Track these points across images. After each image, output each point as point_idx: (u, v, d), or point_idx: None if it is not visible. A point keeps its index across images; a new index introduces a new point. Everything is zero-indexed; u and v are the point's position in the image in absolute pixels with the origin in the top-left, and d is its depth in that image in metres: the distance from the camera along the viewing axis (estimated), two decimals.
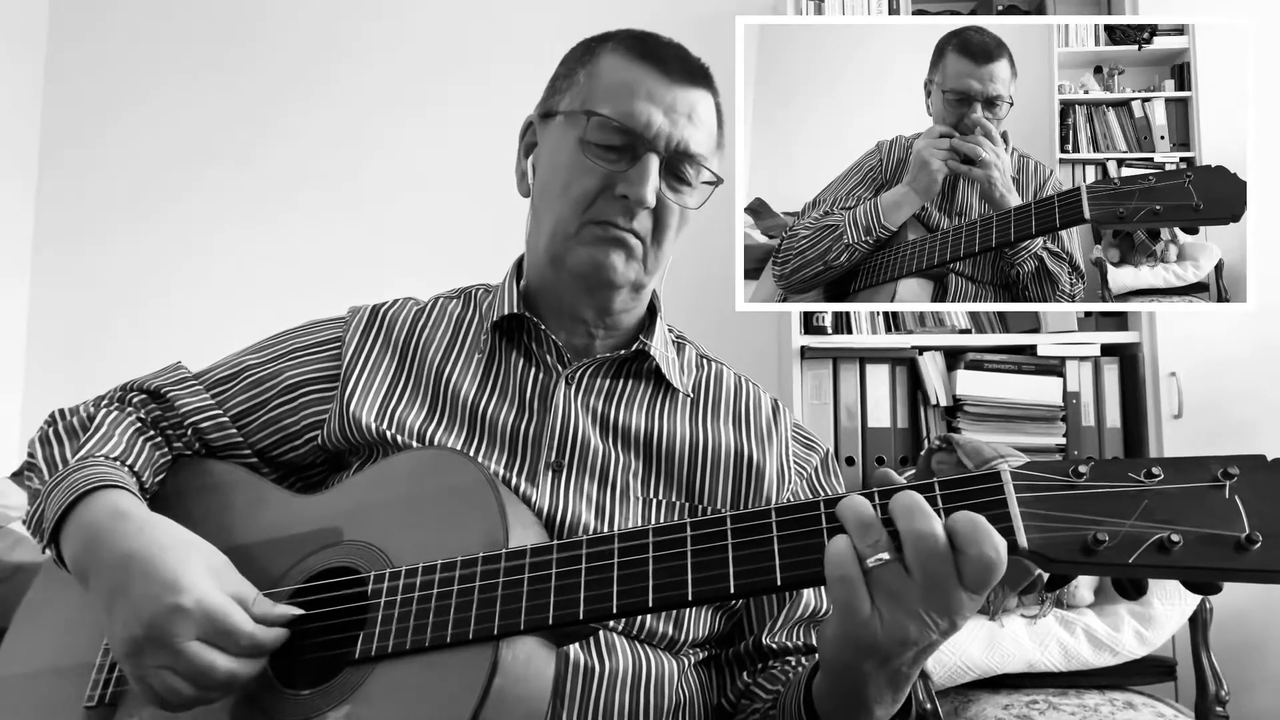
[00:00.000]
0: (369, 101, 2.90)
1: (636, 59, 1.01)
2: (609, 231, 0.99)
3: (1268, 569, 0.60)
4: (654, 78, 1.00)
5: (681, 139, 0.99)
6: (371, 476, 0.95)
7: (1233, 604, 2.17)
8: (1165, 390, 2.32)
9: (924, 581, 0.67)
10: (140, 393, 1.07)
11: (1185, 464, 0.64)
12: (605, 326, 1.06)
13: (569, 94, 1.04)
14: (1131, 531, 0.63)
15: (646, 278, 1.03)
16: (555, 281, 1.04)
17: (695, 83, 1.02)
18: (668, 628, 0.94)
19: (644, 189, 0.97)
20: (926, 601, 0.67)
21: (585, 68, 1.04)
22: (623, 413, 1.03)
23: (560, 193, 1.01)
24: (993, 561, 0.65)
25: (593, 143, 0.99)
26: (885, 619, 0.68)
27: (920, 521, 0.67)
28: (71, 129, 2.92)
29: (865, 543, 0.68)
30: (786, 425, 1.09)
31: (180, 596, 0.80)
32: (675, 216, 1.02)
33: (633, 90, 0.99)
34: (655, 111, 0.98)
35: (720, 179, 1.04)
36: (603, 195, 0.99)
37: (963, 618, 0.68)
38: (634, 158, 0.98)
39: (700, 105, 1.02)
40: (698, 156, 1.01)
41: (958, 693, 2.01)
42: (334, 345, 1.07)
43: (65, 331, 2.83)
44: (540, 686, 0.80)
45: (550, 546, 0.80)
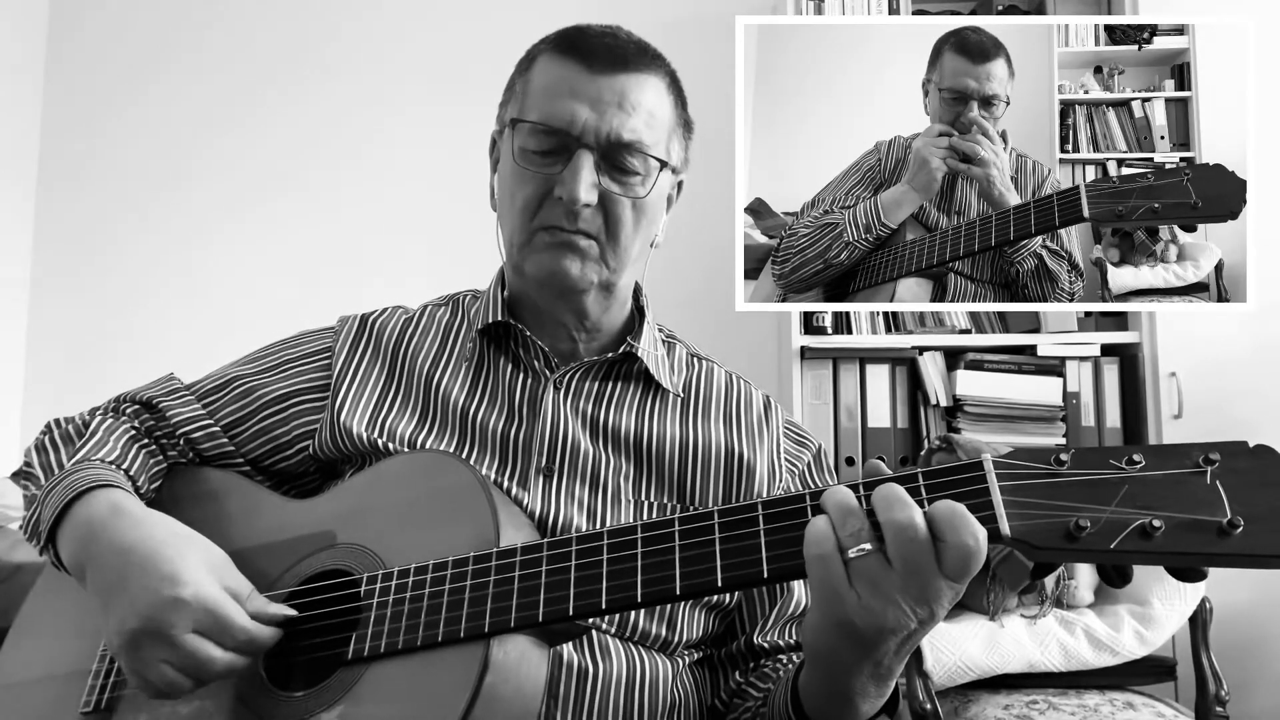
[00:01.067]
0: (375, 108, 2.91)
1: (561, 56, 1.00)
2: (556, 236, 0.98)
3: (1249, 553, 0.60)
4: (577, 73, 0.98)
5: (612, 129, 0.97)
6: (364, 480, 0.96)
7: (1233, 604, 2.16)
8: (1165, 390, 2.31)
9: (903, 569, 0.67)
10: (133, 404, 1.08)
11: (1167, 451, 0.65)
12: (586, 330, 1.05)
13: (510, 105, 1.04)
14: (1113, 518, 0.63)
15: (612, 275, 1.01)
16: (526, 290, 1.04)
17: (624, 68, 0.99)
18: (661, 629, 0.94)
19: (576, 186, 0.95)
20: (905, 589, 0.67)
21: (522, 76, 1.04)
22: (612, 415, 1.02)
23: (510, 204, 1.01)
24: (971, 550, 0.65)
25: (527, 150, 0.98)
26: (863, 601, 0.68)
27: (900, 511, 0.67)
28: (71, 130, 2.93)
29: (846, 532, 0.69)
30: (778, 422, 1.09)
31: (178, 589, 0.81)
32: (626, 209, 0.99)
33: (556, 90, 0.98)
34: (579, 107, 0.96)
35: (664, 160, 1.01)
36: (546, 201, 0.98)
37: (942, 607, 0.68)
38: (567, 158, 0.97)
39: (634, 89, 0.98)
40: (636, 144, 0.98)
41: (958, 693, 2.01)
42: (324, 356, 1.08)
43: (65, 337, 2.84)
44: (533, 685, 0.80)
45: (540, 545, 0.80)
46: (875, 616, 0.68)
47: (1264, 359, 2.31)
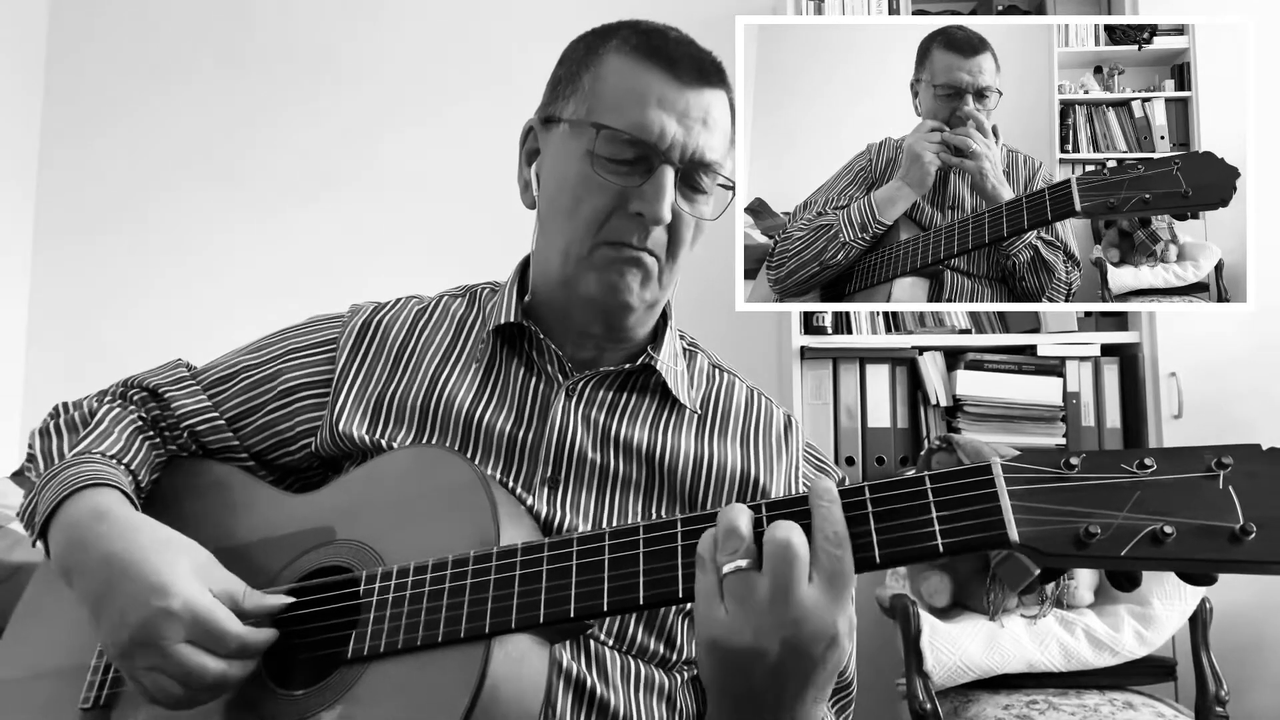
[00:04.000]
0: (367, 99, 2.90)
1: (644, 60, 0.93)
2: (623, 253, 0.93)
3: (1263, 560, 0.59)
4: (664, 81, 0.92)
5: (698, 147, 0.92)
6: (364, 475, 0.95)
7: (1233, 604, 2.16)
8: (1165, 390, 2.31)
9: (771, 584, 0.67)
10: (140, 390, 1.06)
11: (1179, 454, 0.64)
12: (615, 341, 1.01)
13: (573, 100, 0.96)
14: (1124, 524, 0.62)
15: (662, 294, 0.98)
16: (565, 301, 0.99)
17: (709, 83, 0.94)
18: (659, 645, 0.93)
19: (660, 206, 0.90)
20: (773, 603, 0.67)
21: (589, 70, 0.96)
22: (624, 427, 0.98)
23: (570, 211, 0.94)
24: (839, 537, 0.68)
25: (602, 156, 0.92)
26: (730, 615, 0.68)
27: (780, 530, 0.68)
28: (71, 129, 2.92)
29: (726, 551, 0.70)
30: (798, 445, 1.04)
31: (167, 600, 0.80)
32: (691, 229, 0.96)
33: (643, 97, 0.92)
34: (668, 120, 0.91)
35: (733, 183, 0.98)
36: (616, 213, 0.92)
37: (808, 628, 0.67)
38: (648, 171, 0.91)
39: (715, 107, 0.94)
40: (714, 164, 0.94)
41: (958, 693, 2.01)
42: (330, 348, 1.05)
43: (65, 329, 2.83)
44: (534, 685, 0.79)
45: (541, 544, 0.79)
46: (739, 634, 0.68)
47: (1264, 359, 2.31)
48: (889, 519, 0.70)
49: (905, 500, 0.70)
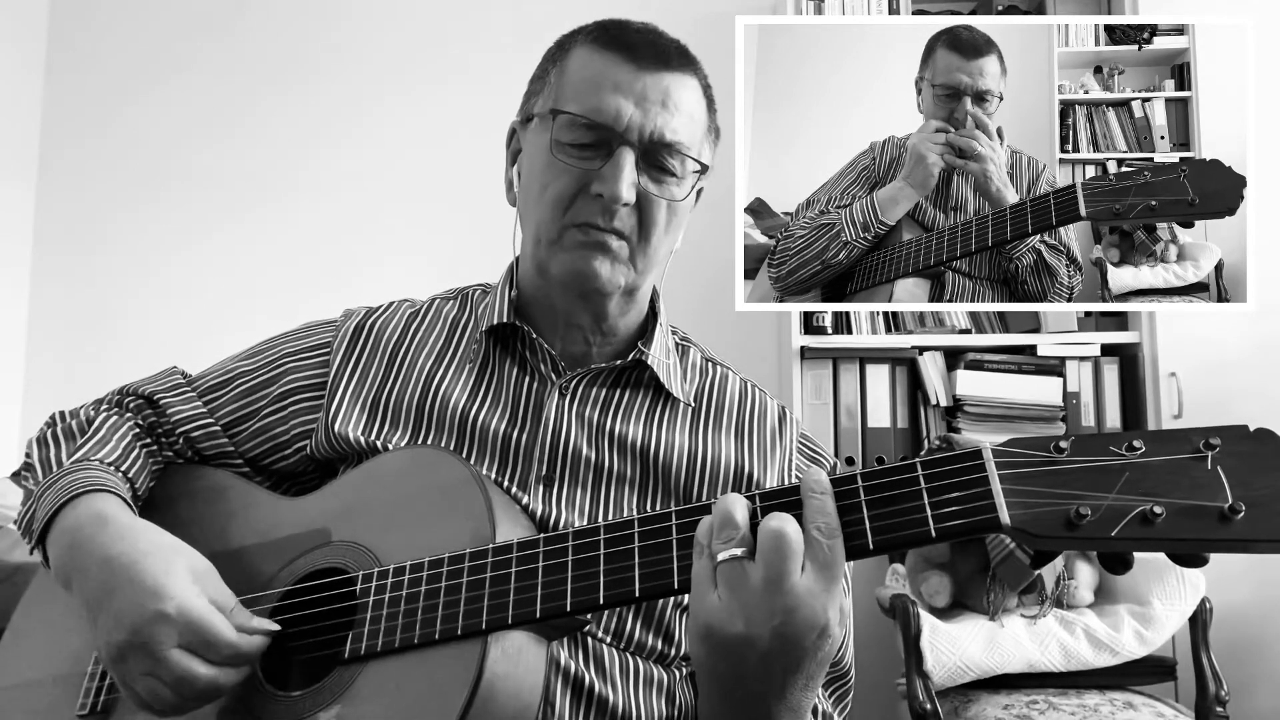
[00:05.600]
0: (372, 104, 2.91)
1: (603, 49, 0.96)
2: (590, 235, 0.95)
3: (1251, 539, 0.59)
4: (621, 66, 0.95)
5: (656, 128, 0.94)
6: (359, 477, 0.95)
7: (1233, 604, 2.16)
8: (1165, 390, 2.31)
9: (764, 573, 0.68)
10: (136, 398, 1.07)
11: (1167, 436, 0.64)
12: (602, 333, 1.02)
13: (542, 95, 1.00)
14: (1114, 505, 0.63)
15: (638, 279, 0.99)
16: (546, 290, 1.00)
17: (669, 66, 0.96)
18: (657, 641, 0.93)
19: (618, 185, 0.92)
20: (765, 592, 0.68)
21: (556, 65, 1.00)
22: (619, 423, 0.99)
23: (538, 197, 0.97)
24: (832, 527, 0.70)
25: (564, 142, 0.94)
26: (722, 601, 0.69)
27: (774, 521, 0.69)
28: (71, 129, 2.93)
29: (721, 538, 0.71)
30: (792, 437, 1.05)
31: (163, 604, 0.80)
32: (662, 210, 0.96)
33: (599, 83, 0.94)
34: (624, 102, 0.93)
35: (706, 165, 0.99)
36: (580, 196, 0.94)
37: (799, 618, 0.68)
38: (608, 153, 0.93)
39: (676, 89, 0.96)
40: (677, 145, 0.95)
41: (958, 693, 2.01)
42: (323, 352, 1.06)
43: (65, 331, 2.84)
44: (532, 680, 0.80)
45: (536, 540, 0.79)
46: (731, 622, 0.69)
47: (1264, 359, 2.30)
48: (881, 506, 0.70)
49: (897, 487, 0.70)
